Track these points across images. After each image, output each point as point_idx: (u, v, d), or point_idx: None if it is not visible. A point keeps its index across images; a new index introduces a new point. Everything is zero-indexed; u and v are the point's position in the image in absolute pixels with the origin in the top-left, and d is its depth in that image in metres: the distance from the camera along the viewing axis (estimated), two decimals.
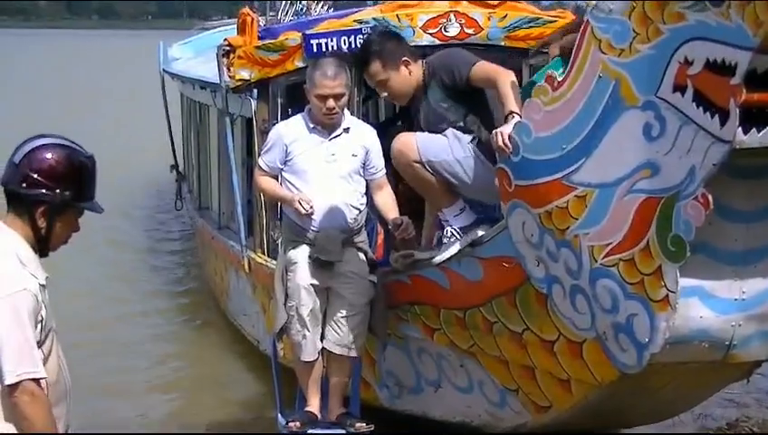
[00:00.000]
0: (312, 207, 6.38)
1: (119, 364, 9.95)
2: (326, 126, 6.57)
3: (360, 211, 6.63)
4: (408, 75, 6.63)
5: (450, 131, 6.45)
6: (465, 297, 6.19)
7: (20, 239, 4.02)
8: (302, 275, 6.50)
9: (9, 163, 4.05)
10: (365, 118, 9.36)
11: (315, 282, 6.50)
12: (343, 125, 6.61)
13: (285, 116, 8.47)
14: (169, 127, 13.79)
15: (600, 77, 4.99)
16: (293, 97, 8.72)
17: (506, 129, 5.64)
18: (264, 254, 8.78)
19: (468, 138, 6.39)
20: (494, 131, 5.76)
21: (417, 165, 6.44)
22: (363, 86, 10.29)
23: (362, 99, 9.75)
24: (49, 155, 4.03)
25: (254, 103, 8.74)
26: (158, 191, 18.78)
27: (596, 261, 5.14)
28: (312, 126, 6.58)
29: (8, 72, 47.52)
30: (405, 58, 6.59)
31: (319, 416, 6.72)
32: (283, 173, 6.63)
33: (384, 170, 6.70)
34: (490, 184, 5.90)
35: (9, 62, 51.25)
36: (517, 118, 5.63)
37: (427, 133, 6.51)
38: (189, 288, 13.12)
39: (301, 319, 6.54)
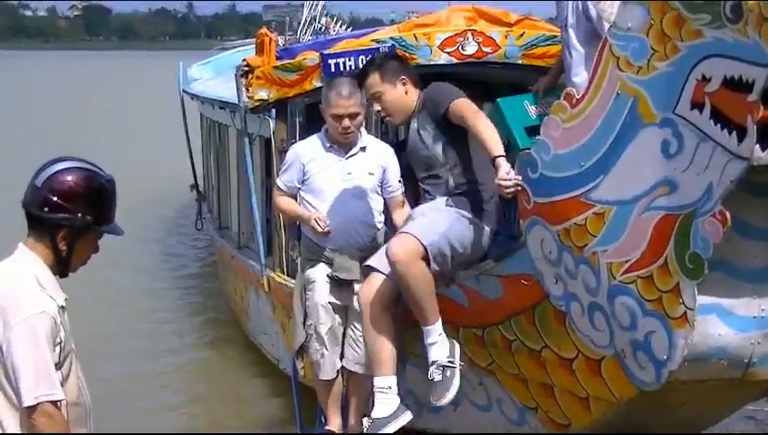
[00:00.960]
0: (328, 226, 6.41)
1: (137, 384, 9.99)
2: (342, 145, 6.62)
3: (378, 229, 6.65)
4: (403, 94, 6.51)
5: (425, 208, 6.34)
6: (484, 315, 6.18)
7: (39, 261, 4.06)
8: (321, 293, 6.52)
9: (31, 186, 4.09)
10: (383, 136, 9.38)
11: (334, 300, 6.53)
12: (360, 144, 6.66)
13: (304, 136, 8.49)
14: (189, 147, 13.84)
15: (618, 94, 4.99)
16: (312, 117, 8.75)
17: (503, 171, 5.58)
18: (283, 273, 8.80)
19: (442, 200, 6.33)
20: (497, 182, 5.63)
21: (422, 262, 6.00)
22: None
23: (381, 118, 9.78)
24: (70, 178, 4.07)
25: (272, 123, 8.78)
26: (177, 211, 18.86)
27: (614, 278, 5.13)
28: (328, 145, 6.63)
29: (28, 92, 47.78)
30: (403, 77, 6.53)
31: (339, 433, 6.74)
32: (301, 192, 6.67)
33: (402, 189, 6.73)
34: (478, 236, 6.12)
35: (29, 83, 51.52)
36: (504, 160, 5.65)
37: (412, 223, 6.26)
38: (210, 307, 13.16)
39: (319, 338, 6.56)
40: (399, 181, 6.72)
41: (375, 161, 6.66)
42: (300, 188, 6.67)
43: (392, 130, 12.43)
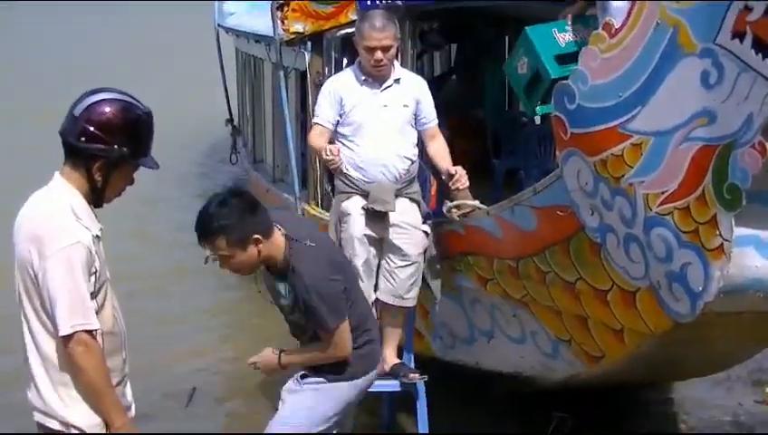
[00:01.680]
0: (338, 153, 6.41)
1: (178, 316, 10.12)
2: (376, 78, 6.59)
3: (413, 162, 6.64)
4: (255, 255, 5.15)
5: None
6: (519, 247, 6.18)
7: (75, 191, 4.07)
8: (356, 225, 6.53)
9: (69, 115, 4.09)
10: (419, 72, 9.34)
11: (369, 232, 6.53)
12: (393, 76, 6.62)
13: (339, 69, 8.48)
14: (224, 81, 13.81)
15: (657, 24, 4.93)
16: (347, 50, 8.73)
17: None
18: (317, 206, 8.82)
19: None
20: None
21: None
22: (418, 40, 10.29)
23: (417, 54, 9.73)
24: (108, 109, 4.06)
25: (307, 56, 8.77)
26: (212, 147, 18.88)
27: (651, 209, 5.10)
28: (363, 78, 6.60)
29: (61, 26, 47.77)
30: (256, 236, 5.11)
31: None
32: (341, 127, 6.65)
33: (436, 120, 6.72)
34: None
35: (67, 21, 51.49)
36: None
37: None
38: None
39: (355, 270, 6.56)
40: (434, 112, 6.72)
41: (409, 93, 6.65)
42: (338, 122, 6.65)
43: (428, 67, 12.46)
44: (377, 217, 6.52)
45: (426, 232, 6.64)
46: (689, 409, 7.75)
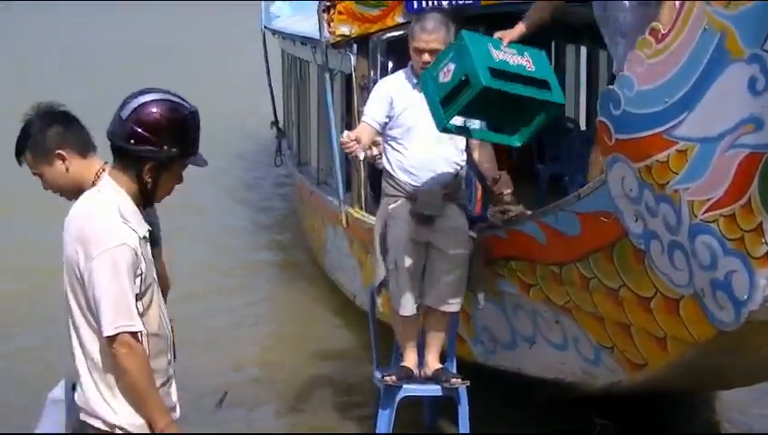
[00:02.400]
0: (351, 144, 6.27)
1: (214, 319, 10.12)
2: None
3: (461, 167, 6.65)
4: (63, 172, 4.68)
5: None
6: (562, 252, 6.15)
7: (123, 193, 4.07)
8: (402, 229, 6.54)
9: (116, 117, 4.07)
10: None
11: (415, 237, 6.53)
12: None
13: (384, 72, 8.49)
14: (270, 83, 13.86)
15: (705, 29, 4.88)
16: (393, 53, 8.73)
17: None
18: (361, 209, 8.83)
19: None
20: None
21: None
22: None
23: None
24: (155, 110, 4.04)
25: (353, 59, 8.78)
26: (257, 148, 18.97)
27: (695, 217, 5.06)
28: (415, 81, 6.59)
29: (111, 29, 48.17)
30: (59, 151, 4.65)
31: (415, 371, 6.75)
32: (387, 129, 6.66)
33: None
34: None
35: (112, 21, 51.93)
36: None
37: None
38: (288, 243, 13.26)
39: (400, 273, 6.56)
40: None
41: None
42: (386, 123, 6.64)
43: None
44: (424, 222, 6.53)
45: (471, 237, 6.63)
46: (732, 416, 7.70)
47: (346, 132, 6.46)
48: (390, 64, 8.69)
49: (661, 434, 7.24)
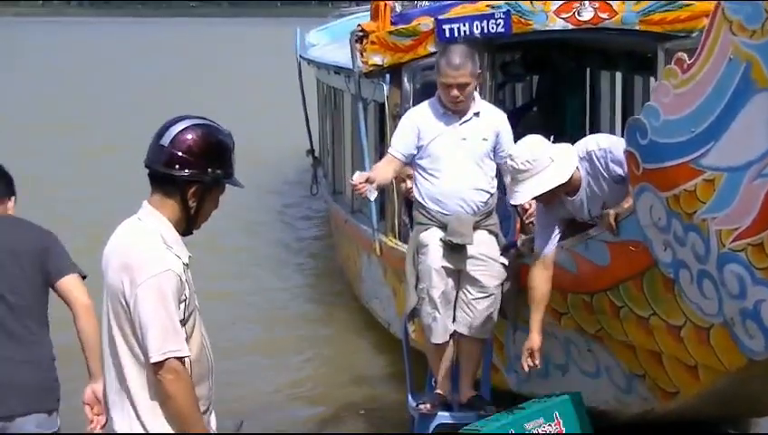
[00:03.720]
0: (361, 186, 6.38)
1: (249, 348, 10.18)
2: (456, 111, 6.62)
3: (491, 195, 6.68)
4: None
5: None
6: (593, 281, 6.16)
7: (165, 220, 4.12)
8: (434, 257, 6.58)
9: (155, 146, 4.13)
10: (501, 103, 9.36)
11: (446, 264, 6.57)
12: (473, 109, 6.66)
13: (417, 101, 8.53)
14: (305, 112, 13.95)
15: (730, 59, 4.89)
16: (426, 82, 8.77)
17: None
18: (395, 237, 8.86)
19: None
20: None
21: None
22: (499, 71, 10.30)
23: (497, 84, 9.74)
24: (195, 135, 4.11)
25: (386, 88, 8.82)
26: (294, 178, 19.05)
27: (724, 246, 5.06)
28: (442, 111, 6.66)
29: (144, 59, 48.51)
30: None
31: (449, 398, 6.77)
32: (416, 159, 6.70)
33: None
34: None
35: (145, 51, 52.28)
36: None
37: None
38: (324, 272, 13.30)
39: (432, 301, 6.60)
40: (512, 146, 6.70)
41: (488, 127, 6.68)
42: (414, 155, 6.69)
43: (510, 98, 12.47)
44: (455, 250, 6.56)
45: (503, 264, 6.66)
46: None
47: (357, 174, 6.55)
48: (423, 93, 8.73)
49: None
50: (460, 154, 6.61)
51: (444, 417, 6.73)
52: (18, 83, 37.15)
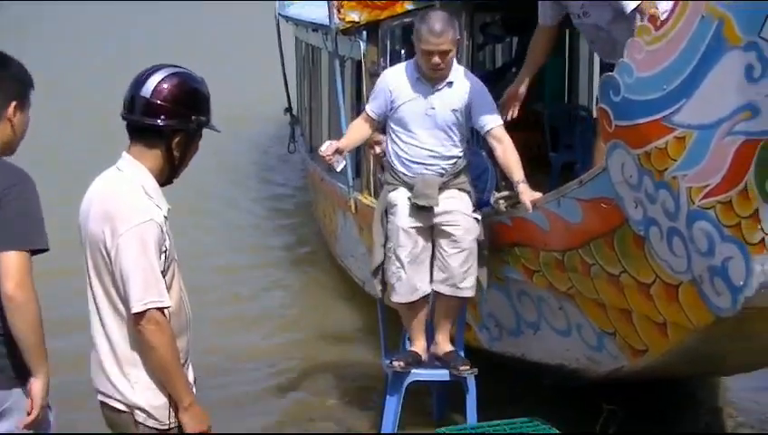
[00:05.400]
0: (331, 157, 6.55)
1: (224, 304, 10.22)
2: (430, 79, 6.54)
3: (459, 158, 6.61)
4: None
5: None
6: (565, 239, 6.17)
7: (146, 171, 4.10)
8: (402, 217, 6.57)
9: (136, 98, 4.09)
10: (480, 65, 9.33)
11: (415, 224, 6.55)
12: (448, 78, 6.55)
13: (394, 58, 8.52)
14: (284, 70, 13.89)
15: (703, 17, 4.89)
16: (402, 39, 8.75)
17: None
18: (370, 195, 8.86)
19: None
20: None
21: None
22: (480, 32, 10.27)
23: (477, 45, 9.70)
24: (177, 84, 4.10)
25: (363, 46, 8.80)
26: (272, 135, 19.03)
27: (693, 203, 5.07)
28: (416, 77, 6.57)
29: (128, 17, 48.34)
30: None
31: (423, 356, 6.76)
32: (389, 121, 6.68)
33: (497, 122, 6.58)
34: None
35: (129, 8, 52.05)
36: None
37: None
38: (300, 231, 13.32)
39: (398, 260, 6.59)
40: (493, 114, 6.60)
41: (459, 97, 6.55)
42: (386, 115, 6.66)
43: (489, 59, 12.42)
44: (422, 210, 6.54)
45: (476, 219, 6.62)
46: (739, 404, 7.72)
47: (327, 143, 6.65)
48: (402, 52, 8.72)
49: (668, 420, 7.25)
50: (428, 122, 6.55)
51: (417, 374, 6.72)
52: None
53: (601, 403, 6.85)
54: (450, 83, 6.55)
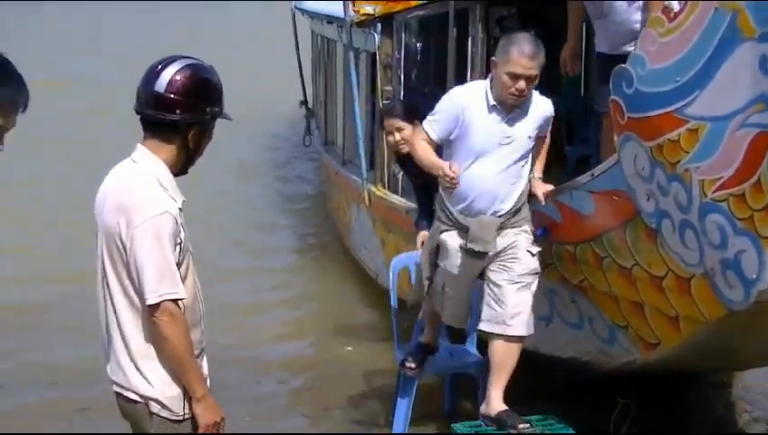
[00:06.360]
0: (456, 179, 5.82)
1: (238, 297, 10.23)
2: (507, 106, 5.94)
3: (523, 193, 6.13)
4: None
5: None
6: (577, 231, 6.14)
7: (160, 163, 4.10)
8: (452, 263, 6.16)
9: (149, 92, 4.09)
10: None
11: (466, 270, 6.15)
12: (525, 104, 6.01)
13: (408, 51, 8.52)
14: (299, 63, 13.90)
15: (716, 9, 4.87)
16: (416, 33, 8.75)
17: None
18: (384, 187, 8.85)
19: None
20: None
21: None
22: (496, 26, 10.23)
23: (494, 39, 9.63)
24: (190, 77, 4.10)
25: (377, 38, 8.80)
26: (288, 129, 19.04)
27: (706, 196, 5.05)
28: (492, 103, 5.93)
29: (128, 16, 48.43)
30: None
31: (434, 344, 6.71)
32: (453, 146, 6.06)
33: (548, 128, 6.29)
34: None
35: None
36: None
37: None
38: (313, 223, 13.35)
39: (443, 300, 6.30)
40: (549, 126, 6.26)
41: (535, 122, 6.06)
42: (451, 141, 6.05)
43: None
44: (476, 256, 6.08)
45: (537, 253, 6.14)
46: (753, 398, 7.69)
47: (449, 164, 5.87)
48: (415, 44, 8.72)
49: (681, 414, 7.23)
50: (502, 153, 5.95)
51: (428, 371, 6.77)
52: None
53: (615, 397, 6.84)
54: (527, 109, 6.01)
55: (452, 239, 6.13)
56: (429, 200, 6.59)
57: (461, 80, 7.92)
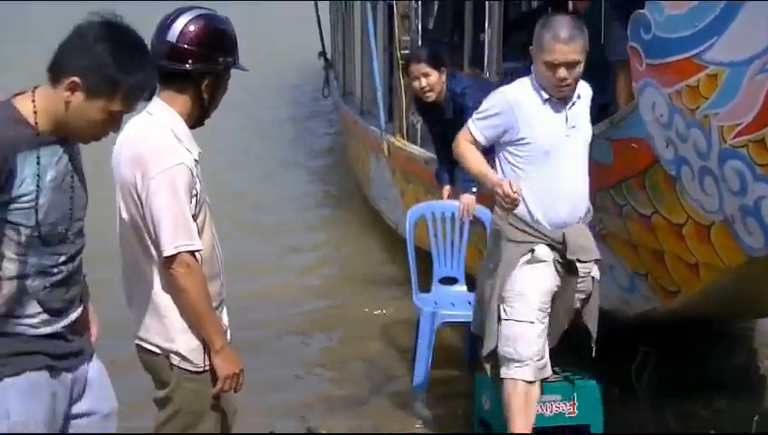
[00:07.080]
0: (518, 200, 5.01)
1: (258, 249, 10.27)
2: (558, 97, 5.25)
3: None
4: None
5: None
6: (596, 180, 6.06)
7: (176, 115, 4.08)
8: (546, 280, 5.31)
9: (163, 43, 4.06)
10: (516, 6, 9.14)
11: (555, 285, 5.34)
12: (577, 90, 5.32)
13: (426, 4, 8.46)
14: (317, 15, 13.85)
15: None
16: None
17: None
18: (403, 138, 8.83)
19: None
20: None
21: None
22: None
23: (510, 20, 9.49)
24: (202, 27, 4.07)
25: None
26: (306, 80, 19.01)
27: (725, 142, 5.02)
28: (545, 97, 5.22)
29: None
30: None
31: None
32: (511, 153, 5.29)
33: None
34: None
35: None
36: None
37: None
38: (333, 173, 13.36)
39: (534, 331, 5.31)
40: None
41: (587, 102, 5.42)
42: (506, 146, 5.29)
43: (522, 35, 12.24)
44: (571, 272, 5.34)
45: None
46: None
47: (509, 182, 5.02)
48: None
49: (702, 362, 7.22)
50: (570, 146, 5.25)
51: (447, 316, 6.73)
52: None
53: (637, 345, 6.83)
54: (579, 94, 5.33)
55: (545, 254, 5.30)
56: (447, 150, 6.47)
57: (478, 27, 7.87)
